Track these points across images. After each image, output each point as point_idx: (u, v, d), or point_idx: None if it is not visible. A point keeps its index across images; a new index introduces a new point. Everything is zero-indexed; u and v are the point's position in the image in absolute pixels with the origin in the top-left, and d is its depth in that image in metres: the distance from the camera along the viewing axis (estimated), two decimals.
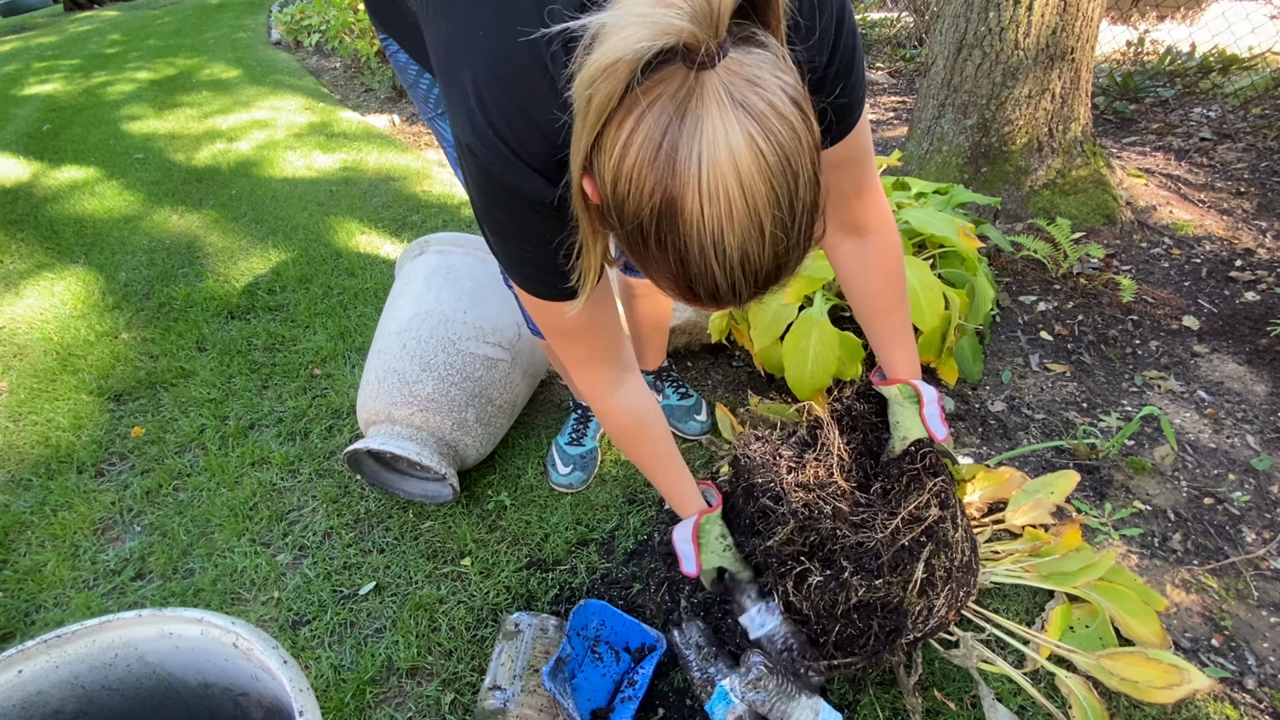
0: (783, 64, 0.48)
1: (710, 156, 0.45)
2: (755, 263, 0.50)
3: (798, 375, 1.49)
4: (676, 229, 0.48)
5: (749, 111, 0.45)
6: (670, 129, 0.46)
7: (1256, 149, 2.61)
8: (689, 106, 0.45)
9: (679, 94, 0.46)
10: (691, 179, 0.46)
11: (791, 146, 0.47)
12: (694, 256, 0.49)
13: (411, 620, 1.29)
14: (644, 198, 0.48)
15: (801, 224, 0.50)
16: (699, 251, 0.48)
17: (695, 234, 0.47)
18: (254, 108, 4.28)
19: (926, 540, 1.03)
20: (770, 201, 0.47)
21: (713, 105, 0.45)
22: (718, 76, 0.45)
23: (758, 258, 0.49)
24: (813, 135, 0.49)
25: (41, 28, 8.85)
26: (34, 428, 1.80)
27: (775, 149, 0.46)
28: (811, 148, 0.49)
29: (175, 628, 0.82)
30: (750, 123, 0.45)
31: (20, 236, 2.80)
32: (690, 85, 0.45)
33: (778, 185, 0.47)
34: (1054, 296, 2.01)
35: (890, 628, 1.02)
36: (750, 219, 0.47)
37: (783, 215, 0.48)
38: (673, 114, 0.46)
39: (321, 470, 1.62)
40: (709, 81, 0.45)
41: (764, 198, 0.47)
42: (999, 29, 2.09)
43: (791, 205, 0.48)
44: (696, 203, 0.46)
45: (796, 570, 1.07)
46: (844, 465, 1.19)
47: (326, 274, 2.38)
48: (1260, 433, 1.55)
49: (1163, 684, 0.99)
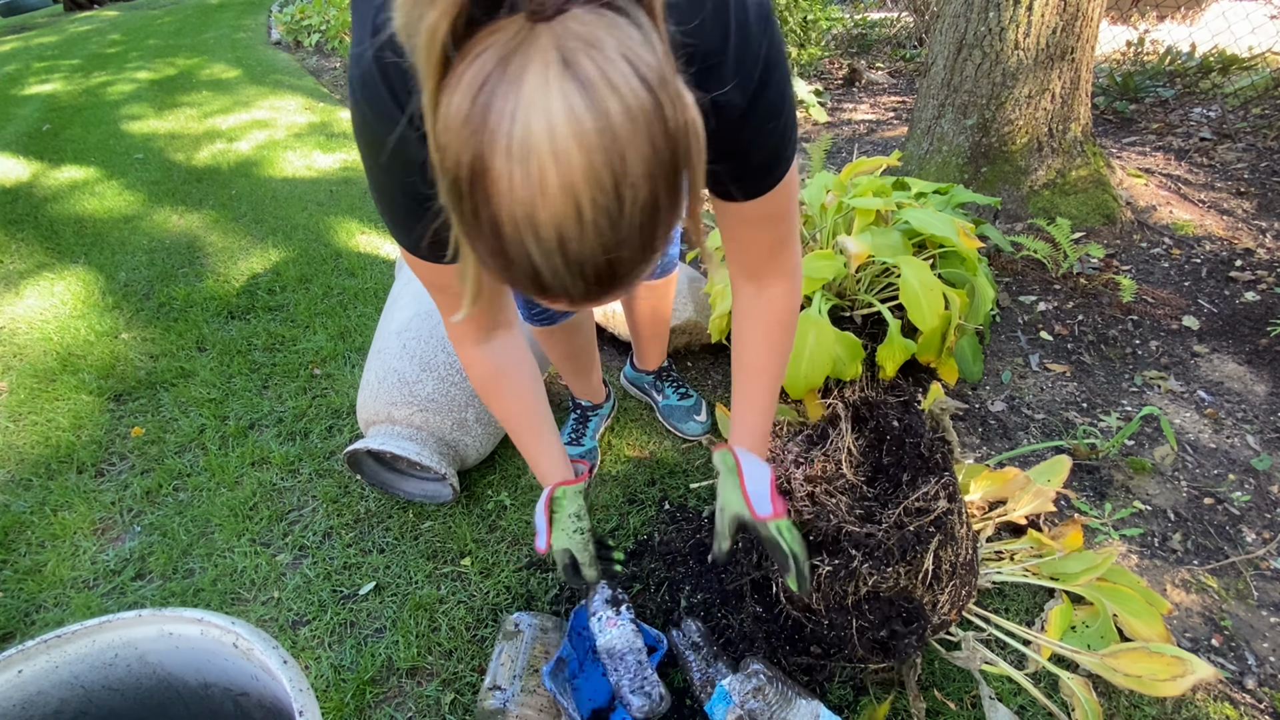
0: (644, 40, 0.44)
1: (524, 116, 0.41)
2: (577, 250, 0.45)
3: (792, 374, 1.49)
4: (488, 196, 0.43)
5: (576, 74, 0.41)
6: (490, 81, 0.42)
7: (1256, 149, 2.61)
8: (513, 59, 0.41)
9: (509, 42, 0.42)
10: (502, 138, 0.41)
11: (621, 123, 0.41)
12: (507, 229, 0.44)
13: (411, 620, 1.29)
14: (460, 155, 0.43)
15: (634, 218, 0.45)
16: (512, 224, 0.44)
17: (506, 202, 0.43)
18: (254, 108, 4.28)
19: (935, 531, 1.03)
20: (589, 179, 0.42)
21: (538, 61, 0.41)
22: (553, 31, 0.41)
23: (578, 244, 0.44)
24: (664, 124, 0.44)
25: (41, 28, 8.85)
26: (34, 428, 1.80)
27: (599, 120, 0.41)
28: (659, 136, 0.44)
29: (175, 628, 0.82)
30: (573, 86, 0.41)
31: (20, 236, 2.80)
32: (523, 35, 0.42)
33: (598, 162, 0.42)
34: (1054, 296, 2.01)
35: (913, 623, 1.02)
36: (564, 194, 0.42)
37: (606, 200, 0.43)
38: (498, 62, 0.42)
39: (321, 470, 1.62)
40: (543, 35, 0.41)
41: (581, 172, 0.42)
42: (999, 29, 2.09)
43: (617, 190, 0.43)
44: (506, 166, 0.42)
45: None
46: (852, 459, 1.19)
47: (326, 274, 2.38)
48: (1260, 433, 1.55)
49: (1167, 676, 0.99)
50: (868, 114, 3.49)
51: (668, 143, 0.44)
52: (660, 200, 0.46)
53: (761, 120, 0.66)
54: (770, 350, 0.93)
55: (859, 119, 3.43)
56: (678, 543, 1.39)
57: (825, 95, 3.72)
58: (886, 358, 1.53)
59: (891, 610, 1.03)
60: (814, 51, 3.80)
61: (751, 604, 1.25)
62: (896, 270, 1.52)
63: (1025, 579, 1.23)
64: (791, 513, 1.11)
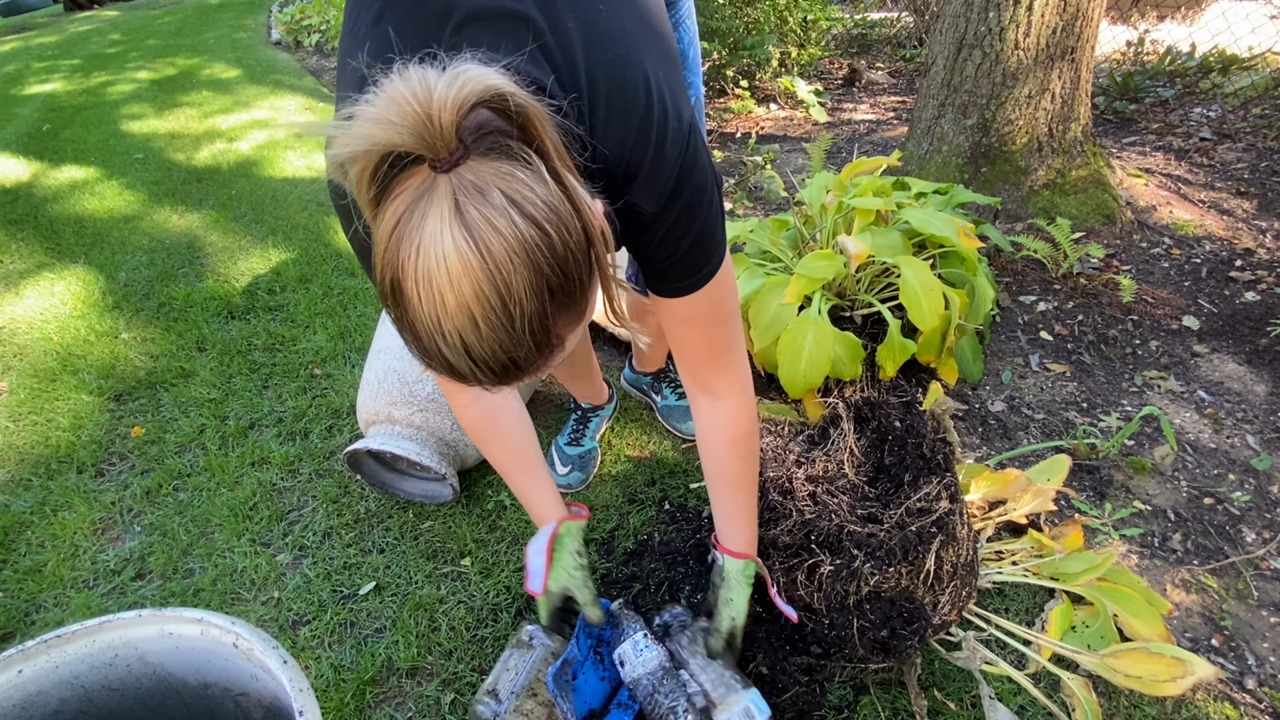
0: (533, 177, 0.53)
1: (424, 252, 0.50)
2: (480, 352, 0.54)
3: (790, 374, 1.49)
4: (405, 307, 0.53)
5: (463, 218, 0.50)
6: (402, 219, 0.51)
7: (1256, 149, 2.61)
8: (418, 203, 0.51)
9: (418, 190, 0.51)
10: (410, 268, 0.51)
11: (502, 258, 0.50)
12: (422, 334, 0.54)
13: (411, 620, 1.29)
14: (384, 271, 0.53)
15: (525, 327, 0.53)
16: (425, 331, 0.53)
17: (417, 315, 0.53)
18: (254, 108, 4.28)
19: (937, 531, 1.03)
20: (479, 301, 0.51)
21: (436, 206, 0.50)
22: (450, 181, 0.51)
23: (480, 348, 0.53)
24: (550, 250, 0.53)
25: (41, 28, 8.85)
26: (34, 428, 1.80)
27: (482, 257, 0.50)
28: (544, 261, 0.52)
29: (175, 628, 0.82)
30: (459, 229, 0.50)
31: (20, 236, 2.80)
32: (428, 185, 0.51)
33: (486, 289, 0.51)
34: (1054, 296, 2.01)
35: (914, 623, 1.02)
36: (461, 311, 0.51)
37: (496, 317, 0.52)
38: (408, 206, 0.51)
39: (321, 470, 1.62)
40: (441, 184, 0.51)
41: (472, 296, 0.51)
42: (999, 29, 2.09)
43: (506, 309, 0.52)
44: (414, 290, 0.52)
45: (809, 561, 1.07)
46: (854, 459, 1.19)
47: (326, 274, 2.38)
48: (1260, 433, 1.55)
49: (1167, 676, 0.99)
50: (868, 114, 3.49)
51: (556, 264, 0.53)
52: (549, 311, 0.54)
53: (671, 226, 0.74)
54: (739, 461, 0.98)
55: (859, 119, 3.43)
56: (678, 543, 1.39)
57: (825, 95, 3.72)
58: (886, 358, 1.53)
59: (892, 610, 1.03)
60: (814, 51, 3.80)
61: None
62: (896, 270, 1.52)
63: (1025, 579, 1.23)
64: (796, 512, 1.11)
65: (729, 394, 0.93)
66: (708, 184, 0.75)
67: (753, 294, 1.56)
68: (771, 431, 1.27)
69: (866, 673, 1.14)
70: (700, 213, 0.75)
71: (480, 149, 0.52)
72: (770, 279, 1.56)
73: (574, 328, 0.61)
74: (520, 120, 0.54)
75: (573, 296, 0.57)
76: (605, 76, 0.66)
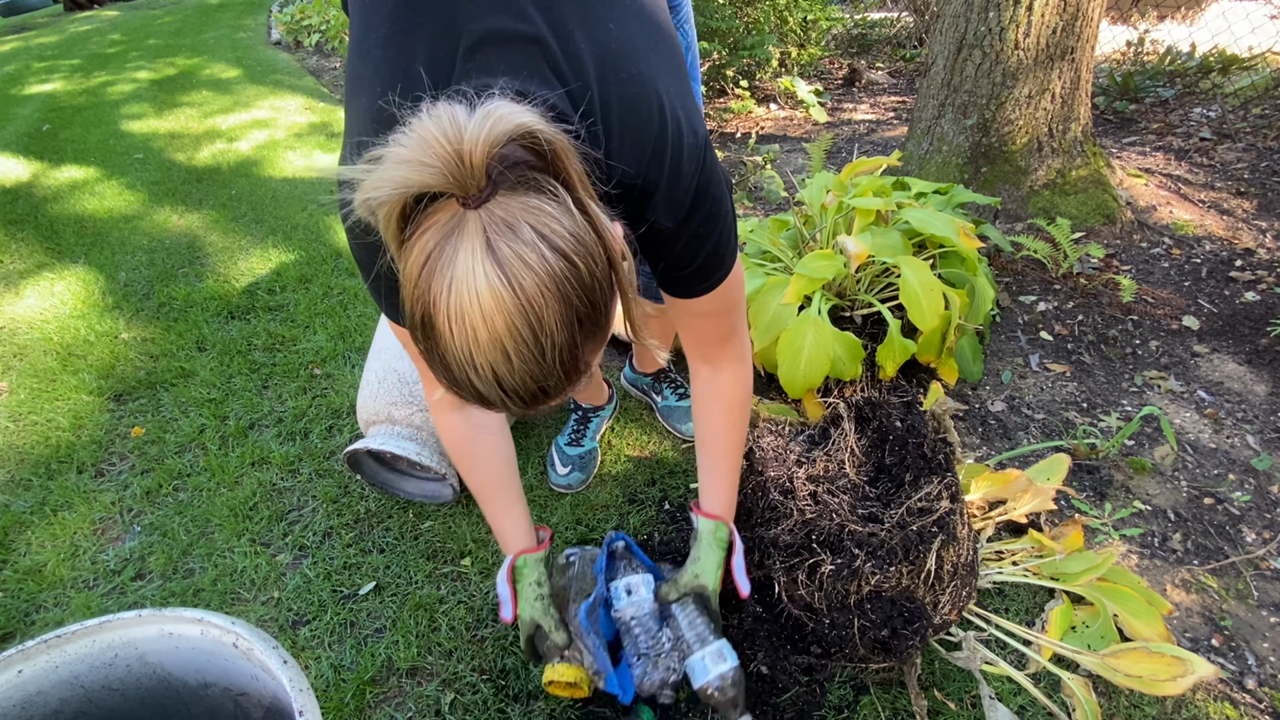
0: (560, 209, 0.53)
1: (456, 288, 0.51)
2: (512, 383, 0.54)
3: (790, 373, 1.49)
4: (436, 341, 0.54)
5: (495, 254, 0.50)
6: (432, 256, 0.52)
7: (1256, 149, 2.61)
8: (449, 239, 0.51)
9: (447, 226, 0.52)
10: (442, 303, 0.52)
11: (534, 293, 0.51)
12: (453, 366, 0.54)
13: (411, 620, 1.29)
14: (414, 306, 0.54)
15: (555, 357, 0.54)
16: (456, 363, 0.54)
17: (448, 349, 0.53)
18: (254, 108, 4.28)
19: (938, 531, 1.03)
20: (511, 335, 0.52)
21: (468, 242, 0.51)
22: (480, 217, 0.51)
23: (511, 379, 0.54)
24: (579, 281, 0.53)
25: (41, 28, 8.85)
26: (34, 428, 1.80)
27: (514, 292, 0.51)
28: (573, 294, 0.53)
29: (175, 628, 0.82)
30: (492, 265, 0.50)
31: (20, 236, 2.80)
32: (457, 220, 0.51)
33: (518, 323, 0.51)
34: (1054, 296, 2.01)
35: (915, 622, 1.02)
36: (493, 346, 0.52)
37: (528, 349, 0.53)
38: (438, 243, 0.52)
39: (321, 470, 1.62)
40: (471, 220, 0.51)
41: (505, 330, 0.51)
42: (999, 29, 2.09)
43: (537, 341, 0.52)
44: (446, 325, 0.52)
45: (809, 561, 1.07)
46: (855, 459, 1.19)
47: (326, 274, 2.38)
48: (1260, 433, 1.55)
49: (1167, 676, 0.99)
50: (868, 114, 3.49)
51: (584, 294, 0.54)
52: (578, 340, 0.55)
53: (690, 238, 0.77)
54: (730, 429, 1.02)
55: (859, 119, 3.43)
56: (678, 542, 1.39)
57: (825, 95, 3.72)
58: (886, 358, 1.53)
59: (893, 609, 1.03)
60: (814, 51, 3.80)
61: (752, 603, 1.25)
62: (896, 270, 1.52)
63: (1025, 579, 1.23)
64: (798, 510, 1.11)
65: (730, 363, 0.97)
66: (723, 195, 0.77)
67: (753, 294, 1.56)
68: (772, 431, 1.27)
69: (866, 673, 1.14)
70: (718, 223, 0.78)
71: (507, 183, 0.53)
72: (770, 279, 1.56)
73: (598, 352, 0.62)
74: (550, 154, 0.54)
75: (599, 324, 0.58)
76: (618, 97, 0.67)
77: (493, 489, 1.05)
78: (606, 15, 0.68)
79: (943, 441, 1.17)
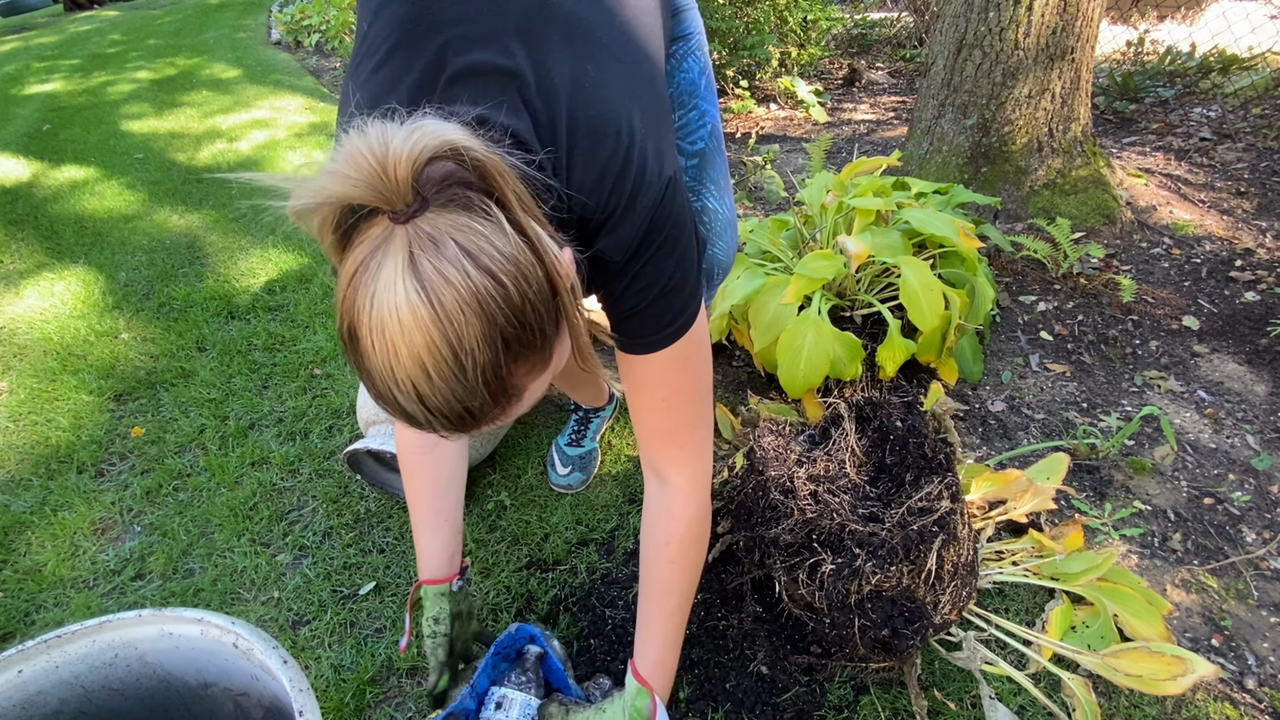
0: (493, 230, 0.53)
1: (377, 302, 0.51)
2: (435, 401, 0.54)
3: (790, 374, 1.49)
4: (361, 355, 0.54)
5: (416, 269, 0.51)
6: (360, 268, 0.52)
7: (1256, 149, 2.61)
8: (375, 254, 0.52)
9: (376, 240, 0.52)
10: (365, 317, 0.52)
11: (453, 309, 0.51)
12: (377, 381, 0.54)
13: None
14: (342, 319, 0.55)
15: (478, 377, 0.54)
16: (380, 378, 0.54)
17: (372, 364, 0.54)
18: (254, 108, 4.28)
19: (939, 530, 1.03)
20: (430, 351, 0.51)
21: (392, 257, 0.51)
22: (407, 232, 0.51)
23: (434, 397, 0.54)
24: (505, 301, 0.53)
25: (41, 28, 8.85)
26: (34, 428, 1.80)
27: (433, 308, 0.51)
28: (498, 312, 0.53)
29: (175, 628, 0.82)
30: (412, 281, 0.51)
31: (20, 236, 2.80)
32: (385, 235, 0.52)
33: (437, 339, 0.51)
34: (1054, 296, 2.01)
35: (915, 622, 1.02)
36: (412, 361, 0.52)
37: (448, 367, 0.52)
38: (365, 257, 0.52)
39: (321, 470, 1.62)
40: (398, 235, 0.51)
41: (424, 346, 0.51)
42: (999, 29, 2.09)
43: (457, 359, 0.52)
44: (369, 339, 0.53)
45: (810, 560, 1.07)
46: (855, 459, 1.19)
47: (326, 274, 2.38)
48: (1260, 433, 1.55)
49: (1168, 675, 0.99)
50: (868, 114, 3.49)
51: (511, 314, 0.54)
52: (502, 361, 0.55)
53: (636, 275, 0.73)
54: (670, 566, 0.89)
55: (859, 119, 3.43)
56: None
57: (825, 95, 3.72)
58: (886, 358, 1.53)
59: (894, 609, 1.03)
60: (814, 51, 3.80)
61: (752, 603, 1.25)
62: (896, 270, 1.52)
63: (1026, 579, 1.23)
64: (799, 510, 1.11)
65: (679, 483, 0.86)
66: (682, 238, 0.74)
67: (753, 294, 1.56)
68: (773, 431, 1.26)
69: (866, 672, 1.14)
70: (669, 265, 0.74)
71: (440, 201, 0.53)
72: (770, 279, 1.56)
73: (535, 378, 0.61)
74: (479, 173, 0.55)
75: (532, 346, 0.57)
76: (585, 128, 0.67)
77: (423, 504, 1.01)
78: (587, 58, 0.69)
79: (943, 441, 1.17)
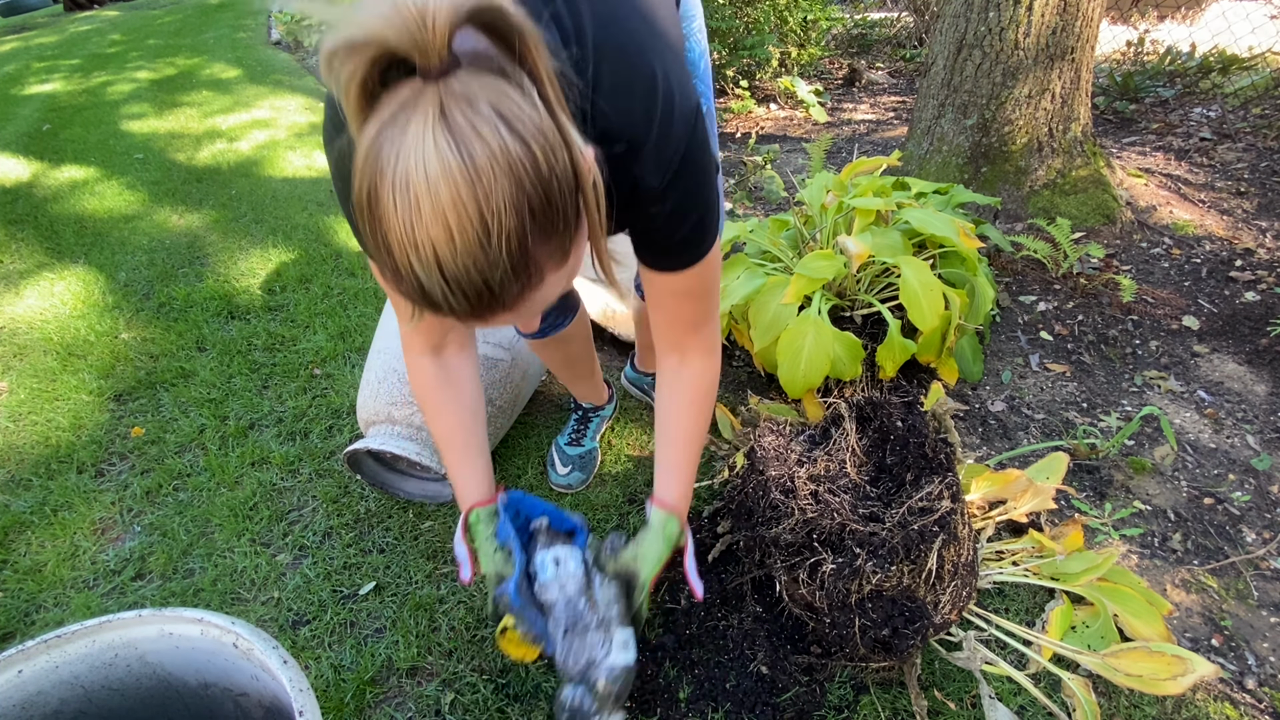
0: (523, 98, 0.52)
1: (404, 155, 0.49)
2: (453, 269, 0.52)
3: (790, 374, 1.49)
4: (379, 218, 0.52)
5: (447, 122, 0.49)
6: (386, 124, 0.51)
7: (1256, 149, 2.61)
8: (404, 110, 0.50)
9: (405, 98, 0.51)
10: (388, 172, 0.50)
11: (485, 165, 0.49)
12: (394, 248, 0.52)
13: (411, 620, 1.29)
14: (361, 184, 0.52)
15: (502, 243, 0.52)
16: (398, 243, 0.52)
17: (392, 224, 0.51)
18: (254, 107, 4.28)
19: (939, 530, 1.03)
20: (455, 208, 0.50)
21: (422, 112, 0.50)
22: (438, 90, 0.50)
23: (453, 263, 0.52)
24: (534, 168, 0.52)
25: (41, 28, 8.85)
26: (34, 428, 1.80)
27: (463, 160, 0.49)
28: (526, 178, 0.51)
29: (175, 628, 0.82)
30: (443, 133, 0.49)
31: (20, 236, 2.80)
32: (416, 92, 0.51)
33: (464, 194, 0.49)
34: (1054, 296, 2.01)
35: (915, 622, 1.02)
36: (436, 218, 0.50)
37: (473, 227, 0.50)
38: (393, 113, 0.51)
39: (321, 470, 1.62)
40: (429, 92, 0.50)
41: (449, 202, 0.49)
42: (999, 29, 2.09)
43: (482, 218, 0.50)
44: (390, 196, 0.50)
45: (810, 560, 1.07)
46: (856, 459, 1.19)
47: (326, 274, 2.38)
48: (1260, 433, 1.55)
49: (1168, 675, 0.99)
50: (868, 114, 3.49)
51: (539, 184, 0.52)
52: (528, 231, 0.53)
53: (675, 204, 0.75)
54: (692, 420, 0.98)
55: (859, 119, 3.43)
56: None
57: (825, 95, 3.72)
58: (886, 358, 1.53)
59: (894, 609, 1.03)
60: (814, 51, 3.80)
61: (752, 603, 1.25)
62: (896, 270, 1.52)
63: (1026, 579, 1.23)
64: (798, 508, 1.11)
65: (699, 355, 0.95)
66: (711, 167, 0.77)
67: (753, 294, 1.56)
68: (773, 431, 1.26)
69: (867, 672, 1.14)
70: (704, 193, 0.77)
71: (472, 64, 0.52)
72: (770, 279, 1.56)
73: (557, 267, 0.59)
74: (515, 39, 0.53)
75: (555, 225, 0.55)
76: (613, 53, 0.68)
77: (454, 438, 1.01)
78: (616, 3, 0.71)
79: (943, 441, 1.17)
